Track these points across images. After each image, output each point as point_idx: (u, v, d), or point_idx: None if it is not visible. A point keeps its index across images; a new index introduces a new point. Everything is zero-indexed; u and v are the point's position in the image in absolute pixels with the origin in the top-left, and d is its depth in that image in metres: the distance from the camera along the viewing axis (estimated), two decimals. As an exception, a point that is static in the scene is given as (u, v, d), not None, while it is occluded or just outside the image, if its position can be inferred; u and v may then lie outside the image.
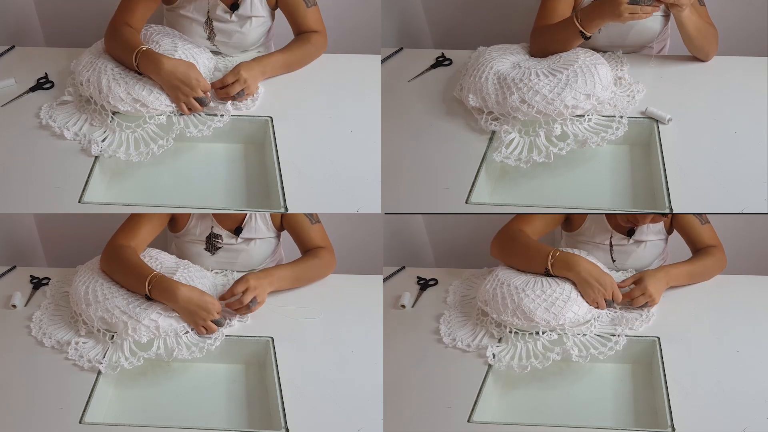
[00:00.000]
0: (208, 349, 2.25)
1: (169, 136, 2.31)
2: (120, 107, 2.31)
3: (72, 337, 2.28)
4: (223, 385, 2.26)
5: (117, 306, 2.27)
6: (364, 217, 2.82)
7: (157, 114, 2.32)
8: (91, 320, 2.29)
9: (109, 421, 2.15)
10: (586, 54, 2.39)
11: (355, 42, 2.74)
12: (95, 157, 2.28)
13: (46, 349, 2.27)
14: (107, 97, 2.31)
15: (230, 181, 2.34)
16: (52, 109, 2.36)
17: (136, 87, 2.31)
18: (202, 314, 2.26)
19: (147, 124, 2.32)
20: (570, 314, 2.28)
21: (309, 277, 2.46)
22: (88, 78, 2.34)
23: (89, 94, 2.35)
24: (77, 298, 2.32)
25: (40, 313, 2.37)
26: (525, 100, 2.31)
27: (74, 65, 2.42)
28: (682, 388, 2.17)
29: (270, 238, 2.55)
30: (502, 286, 2.34)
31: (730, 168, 2.26)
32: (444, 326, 2.37)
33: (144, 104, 2.31)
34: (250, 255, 2.53)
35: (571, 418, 2.19)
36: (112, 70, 2.34)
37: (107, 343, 2.26)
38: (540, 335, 2.29)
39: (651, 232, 2.50)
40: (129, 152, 2.29)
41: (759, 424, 2.09)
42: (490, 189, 2.32)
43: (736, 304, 2.40)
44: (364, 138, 2.34)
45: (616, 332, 2.30)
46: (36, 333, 2.31)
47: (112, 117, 2.33)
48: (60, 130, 2.31)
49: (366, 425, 2.11)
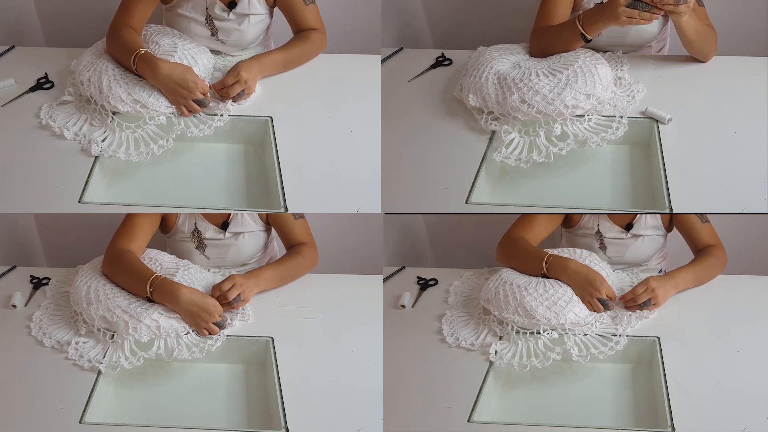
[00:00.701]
0: (208, 349, 2.25)
1: (170, 137, 2.31)
2: (120, 108, 2.31)
3: (72, 337, 2.29)
4: (223, 385, 2.26)
5: (118, 305, 2.27)
6: (364, 217, 2.82)
7: (157, 115, 2.32)
8: (91, 319, 2.29)
9: (109, 421, 2.15)
10: (586, 54, 2.39)
11: (355, 42, 2.74)
12: (95, 157, 2.28)
13: (46, 349, 2.27)
14: (107, 98, 2.31)
15: (230, 181, 2.33)
16: (52, 109, 2.36)
17: (137, 88, 2.31)
18: (204, 316, 2.26)
19: (147, 124, 2.32)
20: (571, 315, 2.29)
21: (294, 275, 2.48)
22: (88, 78, 2.34)
23: (89, 93, 2.35)
24: (78, 297, 2.32)
25: (40, 313, 2.37)
26: (525, 100, 2.31)
27: (75, 65, 2.42)
28: (682, 388, 2.17)
29: (258, 232, 2.54)
30: (505, 284, 2.35)
31: (730, 168, 2.26)
32: (446, 326, 2.38)
33: (144, 105, 2.31)
34: (240, 249, 2.53)
35: (571, 418, 2.19)
36: (113, 70, 2.34)
37: (107, 342, 2.26)
38: (541, 333, 2.29)
39: (649, 227, 2.51)
40: (129, 152, 2.29)
41: (759, 424, 2.09)
42: (490, 189, 2.32)
43: (736, 304, 2.40)
44: (364, 138, 2.34)
45: (617, 332, 2.30)
46: (36, 333, 2.31)
47: (112, 117, 2.33)
48: (60, 130, 2.31)
49: (366, 425, 2.11)
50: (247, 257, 2.55)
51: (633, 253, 2.52)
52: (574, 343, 2.27)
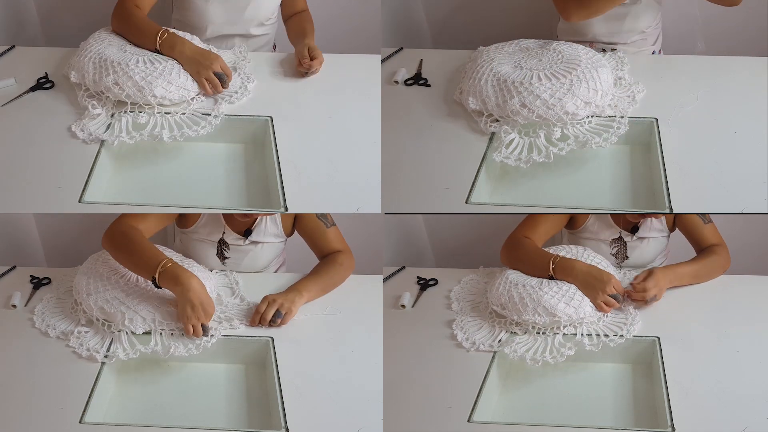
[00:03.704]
0: (204, 346, 2.25)
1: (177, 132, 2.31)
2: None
3: (74, 327, 2.30)
4: (223, 385, 2.26)
5: (116, 297, 2.28)
6: (364, 217, 2.82)
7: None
8: (90, 309, 2.30)
9: (109, 420, 2.15)
10: (588, 55, 2.38)
11: (355, 42, 2.74)
12: (95, 157, 2.27)
13: (45, 349, 2.27)
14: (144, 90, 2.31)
15: (230, 181, 2.33)
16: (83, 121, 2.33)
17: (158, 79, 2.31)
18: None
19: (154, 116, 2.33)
20: (588, 308, 2.30)
21: (334, 284, 2.47)
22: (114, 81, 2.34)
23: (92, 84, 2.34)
24: (79, 288, 2.34)
25: (42, 306, 2.38)
26: (525, 104, 2.31)
27: (75, 63, 2.41)
28: (682, 388, 2.17)
29: (278, 243, 2.55)
30: (517, 287, 2.34)
31: (730, 168, 2.26)
32: (460, 332, 2.36)
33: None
34: (256, 257, 2.53)
35: (571, 418, 2.19)
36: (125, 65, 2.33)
37: (105, 333, 2.27)
38: (561, 329, 2.29)
39: (654, 229, 2.51)
40: (132, 135, 2.29)
41: (759, 424, 2.09)
42: (490, 189, 2.32)
43: (736, 304, 2.40)
44: (364, 138, 2.34)
45: (626, 322, 2.31)
46: (40, 325, 2.31)
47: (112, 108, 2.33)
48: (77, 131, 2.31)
49: (366, 425, 2.11)
50: (260, 266, 2.56)
51: (638, 256, 2.52)
52: (586, 332, 2.27)
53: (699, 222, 2.51)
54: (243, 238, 2.50)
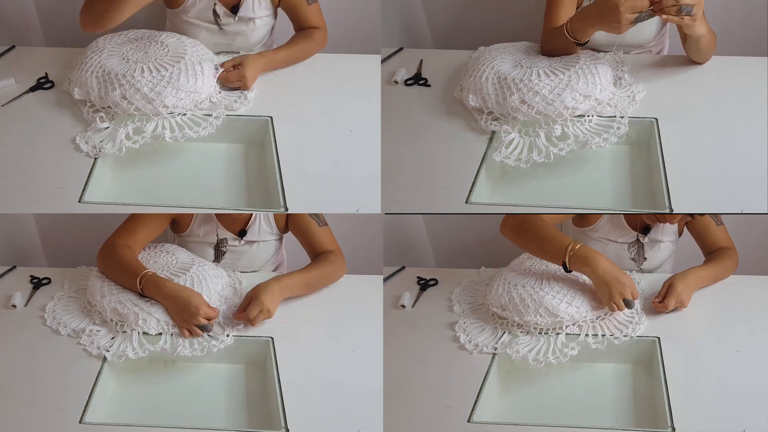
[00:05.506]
0: (210, 349, 2.25)
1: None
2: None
3: (87, 325, 2.31)
4: (223, 385, 2.26)
5: (129, 298, 2.30)
6: (364, 217, 2.82)
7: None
8: (104, 310, 2.32)
9: (109, 420, 2.15)
10: (587, 55, 2.39)
11: (355, 42, 2.74)
12: (95, 158, 2.27)
13: (46, 350, 2.27)
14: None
15: (230, 181, 2.33)
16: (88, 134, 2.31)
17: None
18: (185, 316, 2.26)
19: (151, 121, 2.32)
20: (589, 308, 2.30)
21: (322, 282, 2.46)
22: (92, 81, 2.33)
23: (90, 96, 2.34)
24: (93, 290, 2.36)
25: (53, 304, 2.39)
26: (525, 100, 2.31)
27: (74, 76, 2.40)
28: (682, 388, 2.17)
29: (273, 241, 2.56)
30: (517, 287, 2.33)
31: (730, 168, 2.26)
32: (463, 334, 2.35)
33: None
34: (253, 257, 2.54)
35: (571, 418, 2.19)
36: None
37: (117, 333, 2.28)
38: (563, 329, 2.29)
39: (667, 233, 2.50)
40: (134, 140, 2.29)
41: (759, 424, 2.09)
42: (490, 189, 2.32)
43: (736, 304, 2.40)
44: (364, 138, 2.34)
45: (632, 321, 2.31)
46: (51, 322, 2.32)
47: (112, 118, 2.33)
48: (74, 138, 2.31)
49: (366, 425, 2.11)
50: (257, 265, 2.57)
51: (649, 259, 2.52)
52: (591, 330, 2.27)
53: (712, 223, 2.51)
54: (238, 238, 2.50)
